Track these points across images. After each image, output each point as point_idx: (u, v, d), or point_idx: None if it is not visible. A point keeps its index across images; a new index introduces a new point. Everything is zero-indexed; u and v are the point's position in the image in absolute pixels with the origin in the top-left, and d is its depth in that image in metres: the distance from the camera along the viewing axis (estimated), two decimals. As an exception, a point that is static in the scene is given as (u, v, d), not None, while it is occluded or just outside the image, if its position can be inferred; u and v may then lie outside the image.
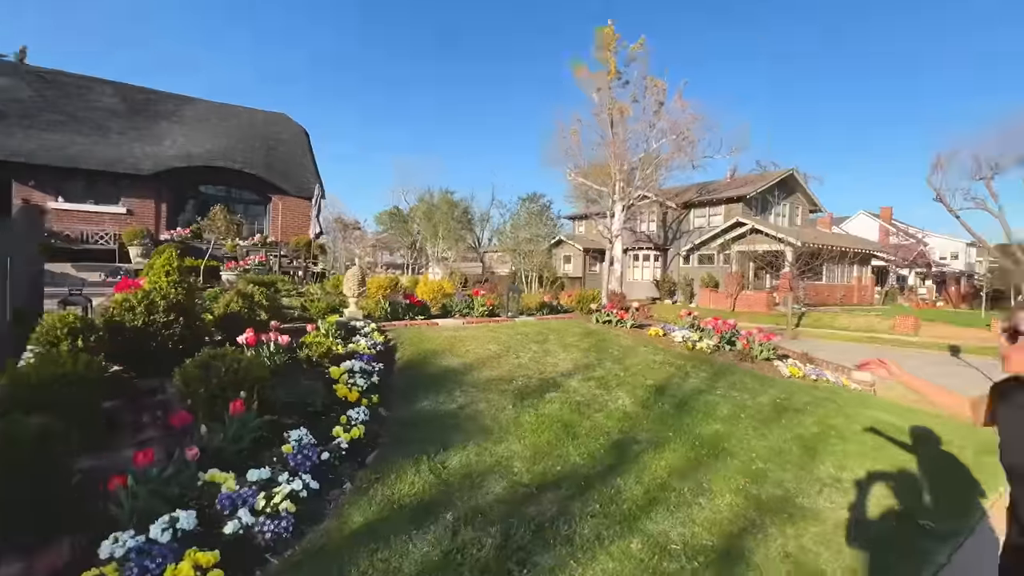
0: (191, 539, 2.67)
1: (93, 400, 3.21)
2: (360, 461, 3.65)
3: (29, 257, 4.20)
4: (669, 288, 31.60)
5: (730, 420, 5.40)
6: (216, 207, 13.42)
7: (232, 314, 5.02)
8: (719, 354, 7.72)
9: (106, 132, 16.01)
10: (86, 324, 3.65)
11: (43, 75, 16.53)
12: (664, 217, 34.07)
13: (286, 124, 20.93)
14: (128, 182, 15.63)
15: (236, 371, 3.59)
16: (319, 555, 2.73)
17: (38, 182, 14.49)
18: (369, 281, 8.56)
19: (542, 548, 3.03)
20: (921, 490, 4.40)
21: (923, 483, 4.54)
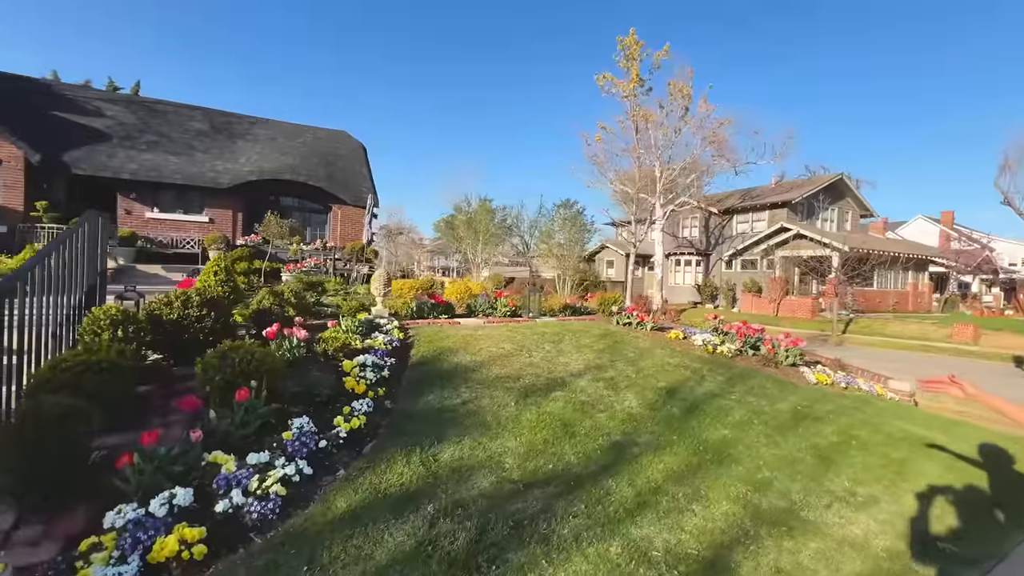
0: (186, 515, 2.75)
1: (122, 384, 3.40)
2: (357, 450, 3.65)
3: (91, 255, 4.54)
4: (711, 293, 30.23)
5: (741, 426, 5.00)
6: (269, 214, 14.19)
7: (264, 310, 5.24)
8: (741, 358, 7.19)
9: (193, 151, 17.35)
10: (127, 316, 3.90)
11: (145, 103, 18.18)
12: (706, 223, 32.71)
13: (345, 140, 21.84)
14: (210, 194, 16.83)
15: (249, 362, 3.70)
16: (298, 537, 2.73)
17: (138, 195, 15.91)
18: (402, 283, 8.71)
19: (516, 545, 2.88)
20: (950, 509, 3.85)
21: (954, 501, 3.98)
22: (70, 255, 4.04)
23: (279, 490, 3.00)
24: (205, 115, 19.13)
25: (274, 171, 17.61)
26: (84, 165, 14.91)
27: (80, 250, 4.33)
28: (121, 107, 17.58)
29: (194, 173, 16.47)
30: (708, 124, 9.90)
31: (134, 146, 16.33)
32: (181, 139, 17.54)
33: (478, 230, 20.96)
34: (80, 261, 4.30)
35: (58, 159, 14.55)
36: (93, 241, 4.62)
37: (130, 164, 15.62)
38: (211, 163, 17.19)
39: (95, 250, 4.63)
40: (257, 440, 3.46)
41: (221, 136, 18.65)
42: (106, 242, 4.85)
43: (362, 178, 20.38)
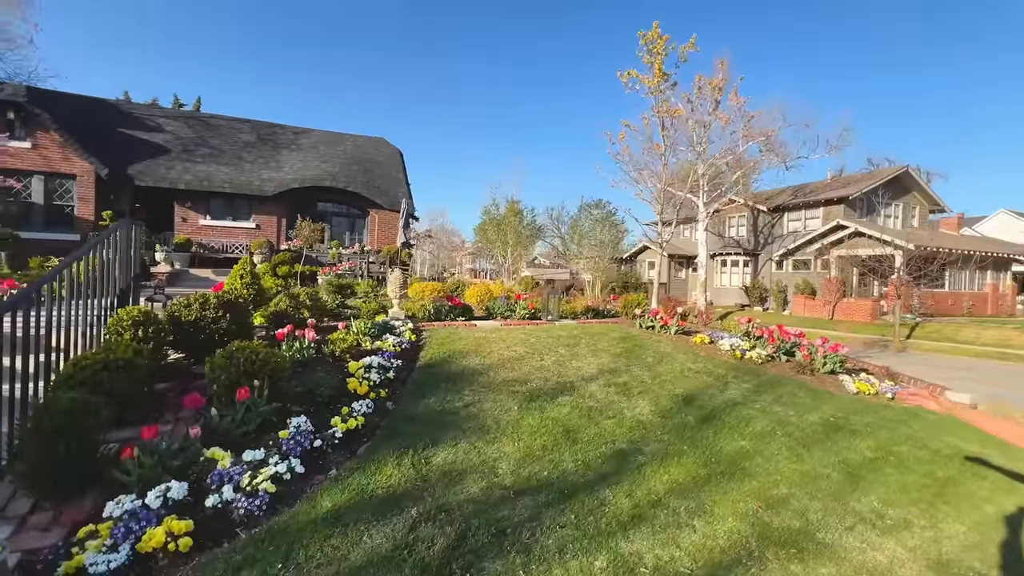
0: (179, 508, 2.89)
1: (137, 381, 3.64)
2: (353, 450, 3.72)
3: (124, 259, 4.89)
4: (760, 295, 28.84)
5: (762, 437, 4.69)
6: (300, 219, 14.81)
7: (280, 312, 5.47)
8: (772, 365, 6.76)
9: (241, 161, 18.45)
10: (148, 318, 4.18)
11: (200, 118, 19.55)
12: (754, 221, 31.27)
13: (383, 146, 22.52)
14: (257, 201, 17.84)
15: (253, 362, 3.85)
16: (280, 535, 2.80)
17: (192, 204, 17.11)
18: (423, 285, 8.85)
19: (495, 554, 2.83)
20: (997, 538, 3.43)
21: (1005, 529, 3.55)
22: (101, 261, 4.38)
23: (268, 487, 3.09)
24: (253, 127, 20.31)
25: (315, 178, 18.42)
26: (146, 177, 16.21)
27: (112, 255, 4.69)
28: (179, 123, 18.99)
29: (242, 182, 17.51)
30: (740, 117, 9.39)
31: (189, 158, 17.57)
32: (231, 150, 18.70)
33: (507, 232, 20.97)
34: (112, 266, 4.66)
35: (123, 172, 15.89)
36: (126, 247, 4.98)
37: (185, 175, 16.82)
38: (257, 172, 18.21)
39: (128, 255, 5.00)
40: (257, 438, 3.60)
41: (267, 146, 19.73)
42: (139, 248, 5.21)
43: (398, 183, 20.93)
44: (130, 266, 5.04)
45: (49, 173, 14.96)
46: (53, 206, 15.13)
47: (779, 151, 24.97)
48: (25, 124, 14.66)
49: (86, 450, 2.98)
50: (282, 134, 20.66)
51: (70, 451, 2.91)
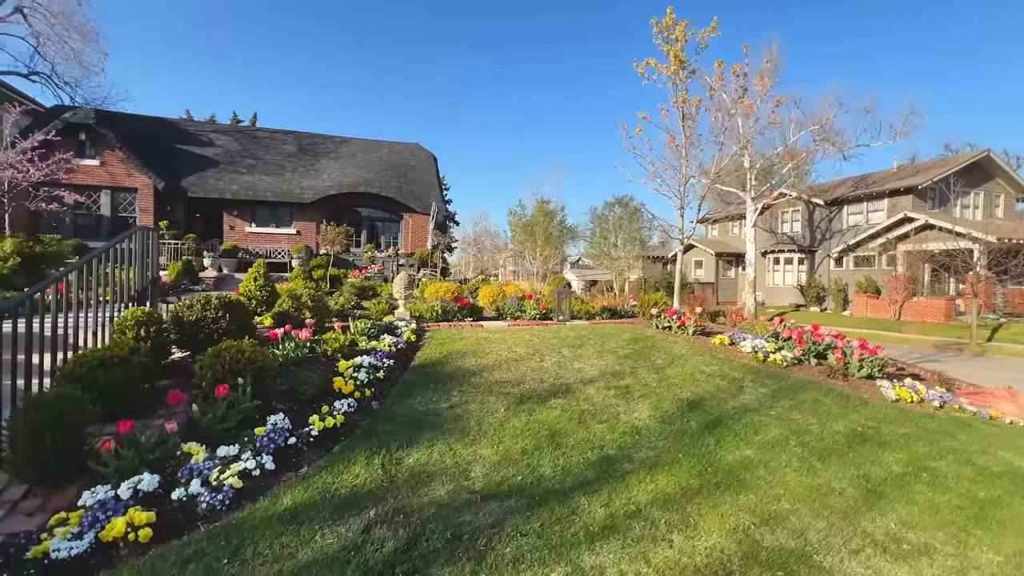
0: (148, 499, 3.01)
1: (132, 378, 3.85)
2: (328, 448, 3.75)
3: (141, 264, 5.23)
4: (817, 294, 27.07)
5: (772, 446, 4.32)
6: (326, 224, 15.34)
7: (283, 312, 5.67)
8: (800, 368, 6.23)
9: (283, 171, 19.47)
10: (150, 317, 4.44)
11: (247, 132, 20.82)
12: (810, 216, 29.44)
13: (417, 151, 23.04)
14: (298, 208, 18.76)
15: (238, 360, 3.99)
16: (234, 530, 2.86)
17: (239, 212, 18.23)
18: (437, 286, 8.91)
19: (445, 560, 2.74)
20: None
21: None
22: (114, 266, 4.72)
23: (235, 483, 3.17)
24: (295, 138, 21.40)
25: (351, 185, 19.12)
26: (197, 188, 17.45)
27: (128, 261, 5.03)
28: (228, 137, 20.33)
29: (283, 190, 18.46)
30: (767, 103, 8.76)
31: (236, 169, 18.75)
32: (274, 161, 19.79)
33: (535, 233, 20.79)
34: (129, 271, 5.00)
35: (178, 185, 17.19)
36: (143, 253, 5.33)
37: (232, 185, 17.96)
38: (298, 181, 19.14)
39: (145, 260, 5.35)
40: (237, 434, 3.71)
41: (307, 156, 20.71)
42: (156, 254, 5.57)
43: (431, 187, 21.32)
44: (147, 271, 5.39)
45: (115, 188, 16.42)
46: (118, 217, 16.59)
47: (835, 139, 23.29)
48: (94, 144, 16.18)
49: (71, 442, 3.17)
50: (322, 144, 21.62)
51: (56, 442, 3.10)
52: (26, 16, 18.33)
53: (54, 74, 19.93)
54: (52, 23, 18.74)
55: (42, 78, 19.97)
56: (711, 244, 35.25)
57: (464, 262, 42.92)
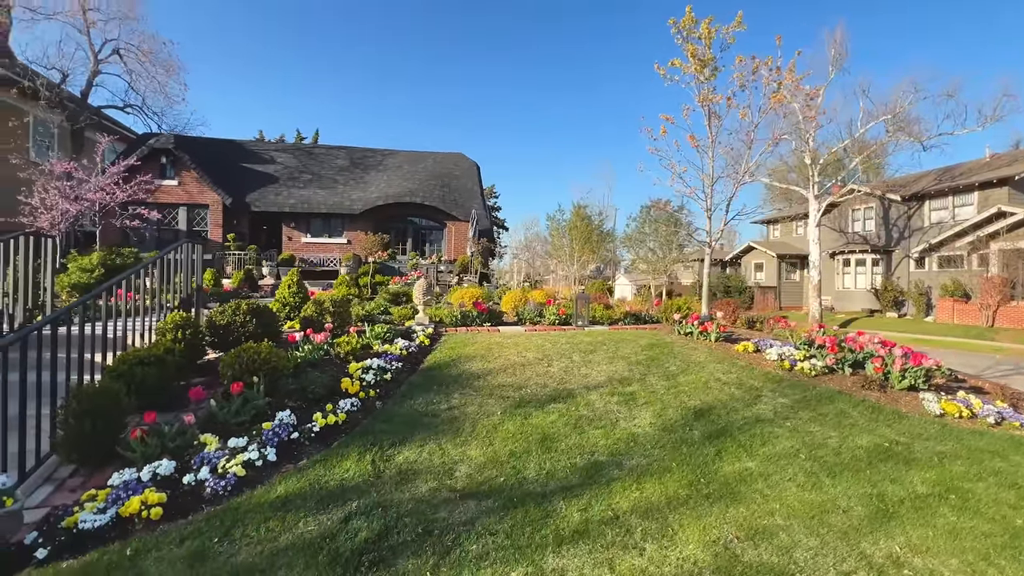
0: (165, 482, 3.42)
1: (165, 374, 4.35)
2: (328, 444, 4.03)
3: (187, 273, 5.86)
4: (894, 298, 24.84)
5: (778, 459, 4.10)
6: (371, 233, 16.08)
7: (308, 317, 6.12)
8: (831, 378, 5.82)
9: (336, 184, 20.75)
10: (187, 321, 4.98)
11: (304, 149, 22.41)
12: (885, 213, 27.14)
13: (461, 161, 23.69)
14: (348, 219, 19.90)
15: (255, 360, 4.39)
16: (230, 513, 3.17)
17: (296, 224, 19.63)
18: (463, 292, 9.15)
19: (411, 553, 2.90)
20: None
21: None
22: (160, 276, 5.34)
23: (238, 471, 3.50)
24: (347, 153, 22.74)
25: (396, 195, 20.01)
26: (259, 203, 19.00)
27: (173, 271, 5.67)
28: (288, 155, 21.97)
29: (335, 203, 19.67)
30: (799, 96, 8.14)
31: (294, 184, 20.22)
32: (327, 175, 21.14)
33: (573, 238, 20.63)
34: (173, 279, 5.63)
35: (243, 200, 18.81)
36: (188, 263, 5.98)
37: (290, 199, 19.38)
38: (348, 193, 20.32)
39: (189, 270, 5.99)
40: (250, 427, 4.08)
41: (358, 169, 21.93)
42: (200, 264, 6.22)
43: (472, 195, 21.83)
44: (191, 279, 6.03)
45: (190, 204, 18.26)
46: (193, 231, 18.41)
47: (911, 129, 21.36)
48: (174, 166, 18.10)
49: (108, 429, 3.65)
50: (371, 157, 22.82)
51: (95, 429, 3.59)
52: (122, 56, 20.82)
53: (144, 105, 22.44)
54: (142, 61, 21.15)
55: (134, 109, 22.55)
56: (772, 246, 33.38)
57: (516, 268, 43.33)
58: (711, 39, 7.79)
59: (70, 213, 13.42)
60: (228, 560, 2.80)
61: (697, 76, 7.69)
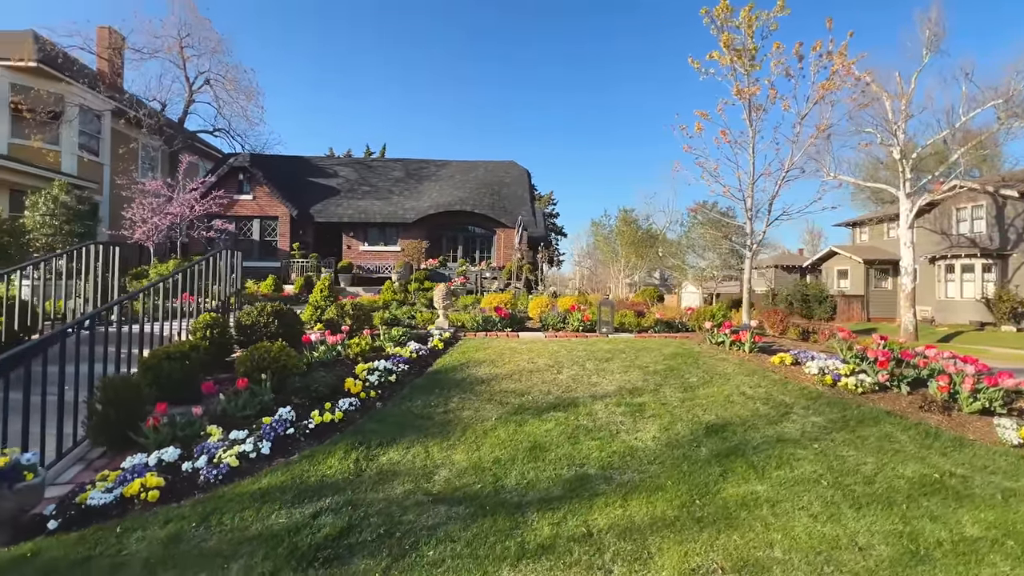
0: (169, 468, 3.72)
1: (189, 369, 4.75)
2: (322, 440, 4.18)
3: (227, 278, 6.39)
4: (1011, 309, 21.67)
5: (793, 484, 3.67)
6: (405, 241, 16.58)
7: (330, 320, 6.43)
8: (884, 396, 5.11)
9: (391, 195, 21.78)
10: (216, 321, 5.42)
11: (364, 162, 23.79)
12: (999, 212, 23.87)
13: (512, 168, 23.94)
14: (402, 228, 20.78)
15: (264, 359, 4.68)
16: (215, 500, 3.38)
17: (354, 233, 20.82)
18: (492, 297, 9.15)
19: (367, 553, 2.92)
20: None
21: None
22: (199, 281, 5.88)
23: (232, 462, 3.73)
24: (403, 165, 23.82)
25: (447, 204, 20.61)
26: (322, 214, 20.39)
27: (213, 276, 6.21)
28: (349, 168, 23.43)
29: (390, 212, 20.64)
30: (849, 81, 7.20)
31: (353, 196, 21.50)
32: (383, 186, 22.25)
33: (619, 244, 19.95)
34: (211, 283, 6.18)
35: (307, 211, 20.28)
36: (228, 269, 6.53)
37: (348, 210, 20.63)
38: (402, 203, 21.24)
39: (228, 275, 6.54)
40: (255, 421, 4.34)
41: (412, 180, 22.88)
42: (239, 269, 6.75)
43: (522, 202, 21.94)
44: (230, 283, 6.57)
45: (262, 217, 19.99)
46: (264, 241, 20.12)
47: (1023, 111, 18.53)
48: (249, 182, 19.94)
49: (129, 416, 4.04)
50: (426, 168, 23.73)
51: (119, 416, 4.00)
52: (211, 85, 23.36)
53: (230, 128, 25.02)
54: (228, 89, 23.60)
55: (222, 132, 25.18)
56: (858, 250, 30.48)
57: (579, 275, 42.85)
58: (754, 27, 7.25)
59: (160, 226, 15.21)
60: (199, 544, 2.97)
61: (734, 68, 7.18)
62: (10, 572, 2.80)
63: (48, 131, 16.41)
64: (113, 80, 20.17)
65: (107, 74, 20.01)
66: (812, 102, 7.06)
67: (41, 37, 17.99)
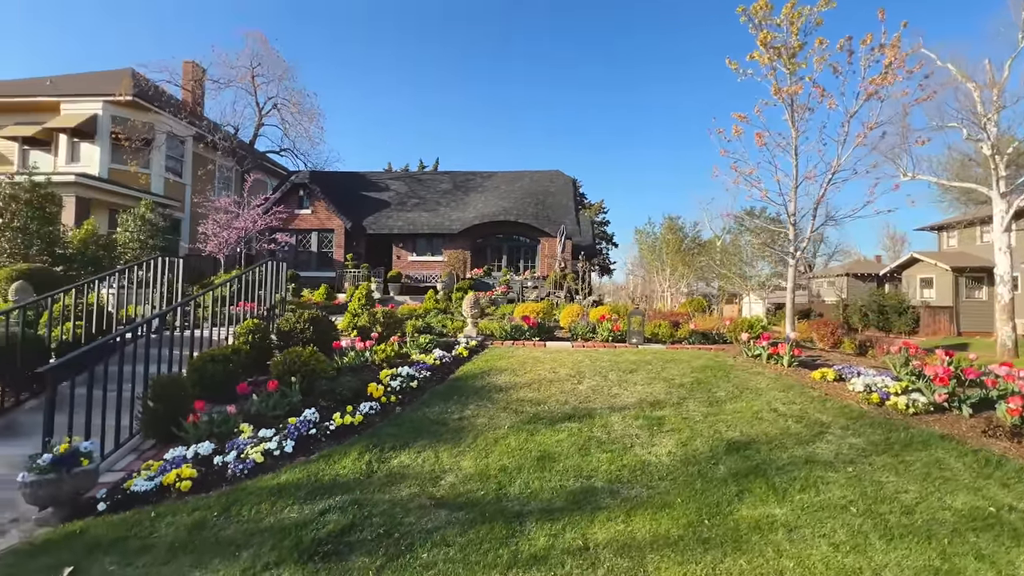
0: (203, 461, 4.06)
1: (229, 371, 5.16)
2: (341, 441, 4.40)
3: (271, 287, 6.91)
4: None
5: (817, 510, 3.41)
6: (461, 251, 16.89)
7: (362, 327, 6.74)
8: (941, 418, 4.60)
9: (438, 206, 22.47)
10: (258, 327, 5.86)
11: (414, 176, 24.74)
12: (1122, 208, 20.88)
13: (557, 177, 23.96)
14: (448, 239, 21.36)
15: (295, 363, 5.01)
16: (235, 493, 3.66)
17: (403, 244, 21.65)
18: (524, 306, 9.16)
19: (365, 551, 3.05)
20: None
21: None
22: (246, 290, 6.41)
23: (257, 457, 4.02)
24: (451, 177, 24.53)
25: (491, 214, 20.96)
26: (374, 226, 21.39)
27: (258, 285, 6.73)
28: (400, 182, 24.46)
29: (436, 223, 21.29)
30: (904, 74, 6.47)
31: (403, 208, 22.40)
32: (431, 198, 23.01)
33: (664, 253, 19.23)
34: (257, 292, 6.70)
35: (360, 224, 21.36)
36: (272, 278, 7.05)
37: (398, 222, 21.50)
38: (448, 214, 21.85)
39: (272, 284, 7.05)
40: (283, 421, 4.64)
41: (459, 191, 23.49)
42: (283, 279, 7.28)
43: (567, 211, 21.87)
44: (274, 292, 7.09)
45: (320, 229, 21.30)
46: (322, 253, 21.39)
47: None
48: (309, 197, 21.34)
49: (174, 412, 4.46)
50: (472, 179, 24.29)
51: (165, 412, 4.43)
52: (278, 109, 25.33)
53: (294, 148, 26.99)
54: (293, 112, 25.51)
55: (287, 152, 27.20)
56: (945, 257, 27.75)
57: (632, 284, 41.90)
58: (799, 23, 6.86)
59: (229, 239, 16.62)
60: (218, 533, 3.23)
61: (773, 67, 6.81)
62: (61, 545, 3.18)
63: (140, 156, 18.49)
64: (194, 108, 22.40)
65: (189, 103, 22.26)
66: (862, 99, 6.55)
67: (137, 74, 20.39)
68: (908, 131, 16.16)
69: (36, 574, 2.93)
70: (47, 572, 2.93)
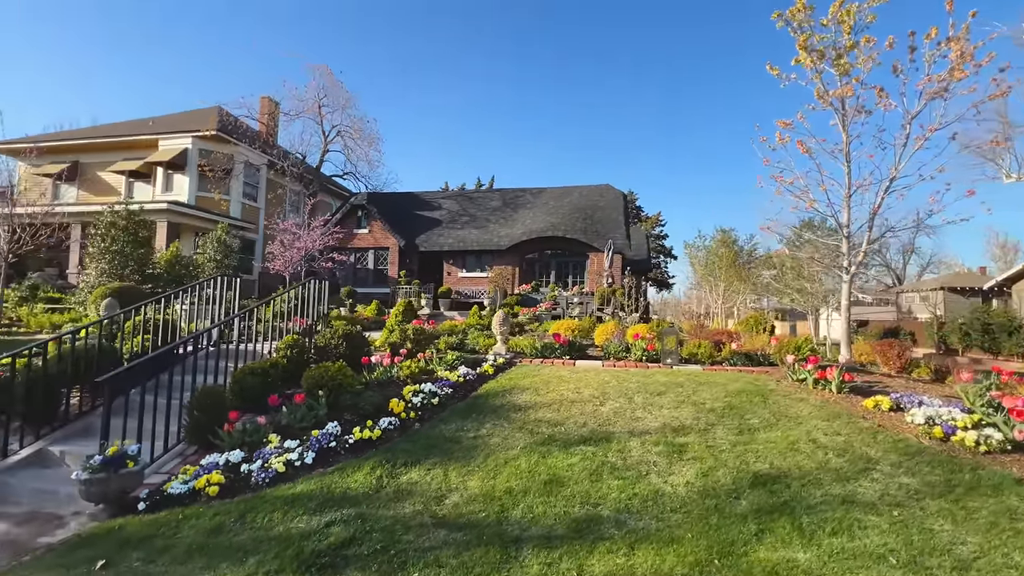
0: (231, 468, 4.36)
1: (267, 383, 5.52)
2: (358, 455, 4.56)
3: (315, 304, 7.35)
4: None
5: (848, 557, 3.06)
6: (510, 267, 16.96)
7: (393, 342, 6.95)
8: (1016, 459, 3.96)
9: (488, 223, 22.89)
10: (296, 343, 6.23)
11: (465, 194, 25.42)
12: None
13: (607, 192, 23.65)
14: (497, 255, 21.66)
15: (322, 377, 5.27)
16: (251, 500, 3.89)
17: (454, 261, 22.22)
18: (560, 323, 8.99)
19: (360, 566, 3.12)
20: None
21: None
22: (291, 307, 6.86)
23: (279, 467, 4.26)
24: (500, 195, 24.97)
25: (539, 230, 21.04)
26: (426, 244, 22.17)
27: (304, 302, 7.18)
28: (451, 201, 25.25)
29: (485, 240, 21.69)
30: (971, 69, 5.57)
31: (454, 226, 23.05)
32: (481, 216, 23.50)
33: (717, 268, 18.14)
34: (302, 308, 7.15)
35: (413, 242, 22.22)
36: (316, 296, 7.50)
37: (448, 239, 22.13)
38: (497, 231, 22.19)
39: (315, 301, 7.50)
40: (309, 431, 4.88)
41: (508, 208, 23.83)
42: (324, 296, 7.71)
43: (616, 225, 21.48)
44: (316, 308, 7.52)
45: (376, 248, 22.40)
46: (378, 270, 22.45)
47: None
48: (366, 217, 22.57)
49: (213, 421, 4.83)
50: (521, 196, 24.57)
51: (207, 421, 4.81)
52: (342, 136, 27.25)
53: (356, 171, 28.77)
54: (355, 138, 27.28)
55: (349, 175, 29.06)
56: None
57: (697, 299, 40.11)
58: (851, 22, 6.38)
59: (294, 258, 17.91)
60: (232, 538, 3.44)
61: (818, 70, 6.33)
62: (102, 539, 3.53)
63: (222, 184, 20.50)
64: (268, 138, 24.58)
65: (264, 134, 24.46)
66: (925, 98, 5.89)
67: (222, 110, 22.77)
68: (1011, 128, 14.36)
69: (78, 565, 3.27)
70: (86, 563, 3.26)
